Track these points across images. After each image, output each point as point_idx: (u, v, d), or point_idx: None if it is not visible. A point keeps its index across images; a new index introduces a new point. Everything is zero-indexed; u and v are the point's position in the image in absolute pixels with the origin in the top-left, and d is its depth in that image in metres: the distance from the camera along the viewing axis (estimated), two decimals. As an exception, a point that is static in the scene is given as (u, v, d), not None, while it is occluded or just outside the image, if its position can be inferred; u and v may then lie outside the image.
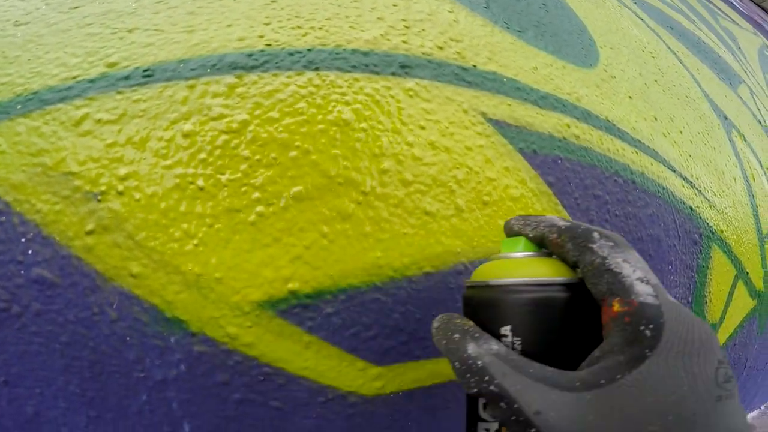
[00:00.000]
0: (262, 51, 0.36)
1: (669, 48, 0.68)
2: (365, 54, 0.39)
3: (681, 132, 0.56)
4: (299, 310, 0.31)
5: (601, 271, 0.20)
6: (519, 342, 0.22)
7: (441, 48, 0.43)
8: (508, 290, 0.22)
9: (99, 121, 0.31)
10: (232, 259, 0.30)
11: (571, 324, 0.22)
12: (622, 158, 0.46)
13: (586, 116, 0.46)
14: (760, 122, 0.79)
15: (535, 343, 0.22)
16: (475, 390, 0.20)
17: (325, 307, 0.31)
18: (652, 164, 0.49)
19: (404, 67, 0.40)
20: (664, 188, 0.50)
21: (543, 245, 0.24)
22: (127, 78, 0.32)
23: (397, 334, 0.34)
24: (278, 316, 0.31)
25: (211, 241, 0.30)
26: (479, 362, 0.20)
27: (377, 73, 0.38)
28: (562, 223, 0.23)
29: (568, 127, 0.44)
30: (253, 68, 0.35)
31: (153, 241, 0.30)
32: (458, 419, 0.38)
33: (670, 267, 0.49)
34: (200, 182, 0.31)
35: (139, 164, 0.31)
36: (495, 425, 0.22)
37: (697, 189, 0.54)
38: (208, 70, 0.35)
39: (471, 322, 0.23)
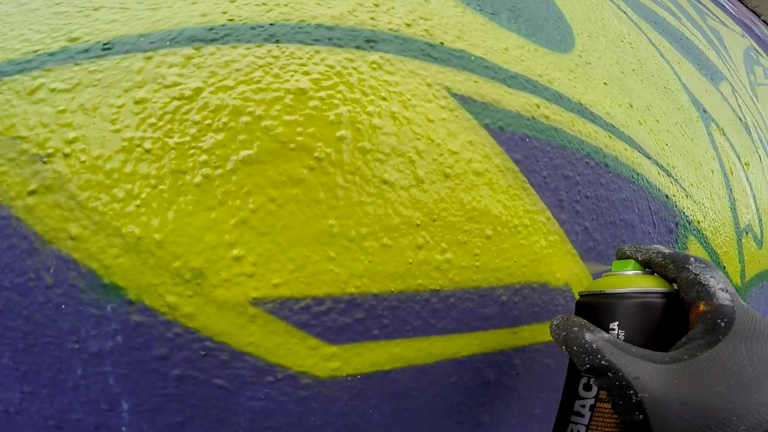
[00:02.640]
0: (223, 25, 0.37)
1: (650, 41, 0.68)
2: (330, 28, 0.39)
3: (657, 121, 0.56)
4: (243, 279, 0.30)
5: (694, 283, 0.28)
6: (623, 333, 0.29)
7: (409, 25, 0.43)
8: (619, 296, 0.30)
9: (53, 90, 0.32)
10: (174, 222, 0.29)
11: (663, 322, 0.29)
12: (594, 141, 0.46)
13: (558, 98, 0.46)
14: (740, 119, 0.80)
15: (635, 334, 0.29)
16: (588, 366, 0.27)
17: (272, 276, 0.30)
18: (626, 149, 0.49)
19: (369, 41, 0.39)
20: (638, 174, 0.50)
21: (648, 267, 0.32)
22: (86, 51, 0.33)
23: (352, 309, 0.33)
24: (221, 285, 0.29)
25: (154, 202, 0.29)
26: (594, 345, 0.27)
27: (340, 46, 0.38)
28: (666, 250, 0.31)
29: (538, 107, 0.43)
30: (212, 41, 0.35)
31: (95, 202, 0.30)
32: (421, 407, 0.37)
33: (644, 254, 0.49)
34: (147, 145, 0.31)
35: (88, 129, 0.32)
36: (591, 401, 0.30)
37: (673, 178, 0.54)
38: (167, 43, 0.35)
39: (585, 320, 0.29)
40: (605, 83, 0.53)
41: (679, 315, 0.29)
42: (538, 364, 0.43)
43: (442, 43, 0.43)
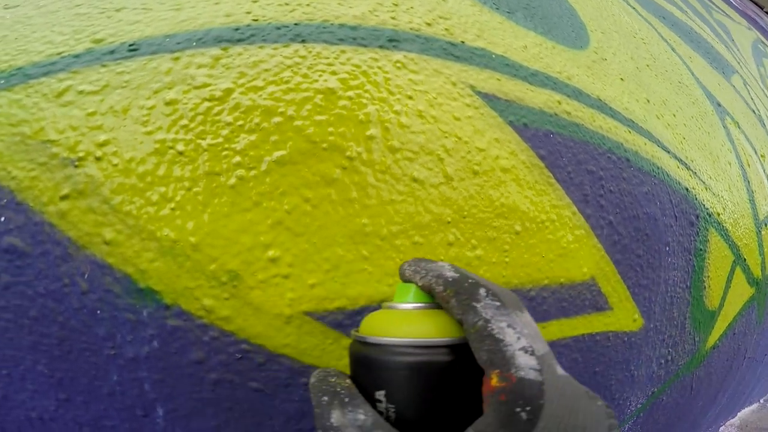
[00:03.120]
0: (248, 25, 0.37)
1: (661, 36, 0.69)
2: (353, 28, 0.40)
3: (674, 115, 0.57)
4: (280, 280, 0.30)
5: (483, 336, 0.19)
6: (393, 410, 0.20)
7: (429, 24, 0.43)
8: (384, 351, 0.21)
9: (81, 92, 0.32)
10: (209, 224, 0.30)
11: (452, 390, 0.20)
12: (615, 136, 0.46)
13: (578, 94, 0.46)
14: (753, 111, 0.80)
15: (411, 411, 0.20)
16: None
17: (308, 277, 0.30)
18: (645, 144, 0.49)
19: (392, 40, 0.40)
20: (658, 168, 0.50)
21: (432, 296, 0.22)
22: (112, 52, 0.33)
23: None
24: (257, 287, 0.29)
25: (189, 205, 0.30)
26: None
27: (365, 46, 0.38)
28: (450, 273, 0.22)
29: (559, 103, 0.44)
30: (239, 41, 0.36)
31: (129, 205, 0.30)
32: None
33: (667, 248, 0.49)
34: (180, 147, 0.31)
35: (119, 131, 0.32)
36: None
37: (692, 171, 0.54)
38: (194, 43, 0.35)
39: (347, 382, 0.21)
40: (622, 79, 0.53)
41: (475, 374, 0.20)
42: (566, 358, 0.43)
43: (463, 42, 0.43)
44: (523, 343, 0.19)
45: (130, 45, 0.33)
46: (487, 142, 0.37)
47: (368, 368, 0.21)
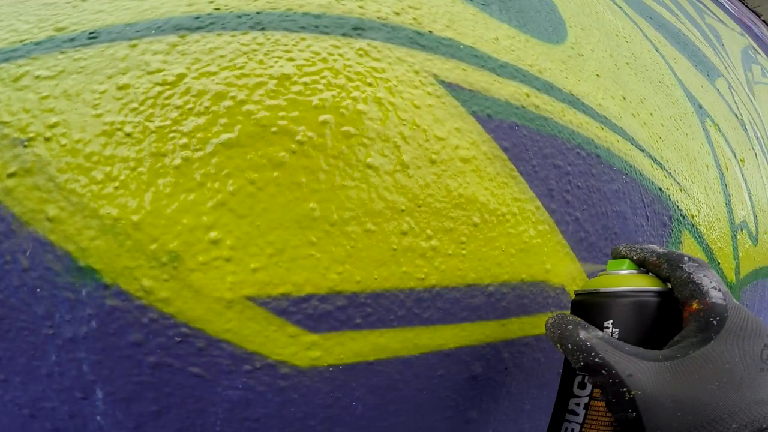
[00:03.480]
0: (209, 14, 0.37)
1: (645, 36, 0.68)
2: (317, 16, 0.39)
3: (651, 114, 0.56)
4: (221, 263, 0.29)
5: (687, 282, 0.28)
6: (617, 332, 0.29)
7: (398, 14, 0.42)
8: (613, 295, 0.30)
9: (38, 77, 0.32)
10: (151, 204, 0.29)
11: (659, 322, 0.29)
12: (585, 132, 0.46)
13: (548, 88, 0.45)
14: (736, 115, 0.79)
15: (629, 332, 0.29)
16: (582, 363, 0.27)
17: (250, 261, 0.29)
18: (618, 141, 0.49)
19: (356, 29, 0.39)
20: (631, 166, 0.49)
21: (643, 266, 0.32)
22: (72, 40, 0.34)
23: (333, 297, 0.32)
24: (198, 269, 0.29)
25: (132, 184, 0.29)
26: (588, 343, 0.27)
27: (327, 34, 0.38)
28: (660, 250, 0.31)
29: (527, 96, 0.43)
30: (198, 29, 0.36)
31: (73, 184, 0.29)
32: (407, 400, 0.36)
33: (637, 247, 0.48)
34: (128, 129, 0.31)
35: (70, 114, 0.32)
36: (585, 399, 0.30)
37: (666, 171, 0.54)
38: (153, 31, 0.35)
39: (579, 318, 0.30)
40: (598, 75, 0.53)
41: (672, 314, 0.29)
42: (527, 358, 0.42)
43: (430, 32, 0.42)
44: (714, 284, 0.28)
45: (90, 33, 0.34)
46: (446, 131, 0.37)
47: (599, 307, 0.30)
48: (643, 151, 0.52)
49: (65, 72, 0.32)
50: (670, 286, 0.30)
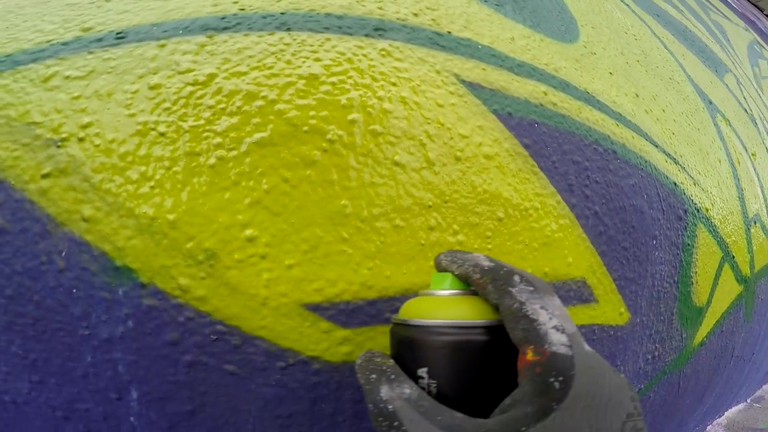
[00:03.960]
0: (234, 14, 0.37)
1: (654, 33, 0.69)
2: (339, 17, 0.40)
3: (663, 110, 0.57)
4: (256, 260, 0.30)
5: (518, 317, 0.21)
6: (435, 385, 0.22)
7: (416, 15, 0.43)
8: (426, 332, 0.23)
9: (68, 77, 0.32)
10: (187, 203, 0.30)
11: (489, 367, 0.22)
12: (602, 128, 0.46)
13: (564, 86, 0.46)
14: (746, 110, 0.80)
15: (451, 386, 0.22)
16: None
17: (285, 257, 0.30)
18: (633, 137, 0.49)
19: (378, 29, 0.40)
20: (646, 161, 0.50)
21: (468, 283, 0.24)
22: (100, 40, 0.34)
23: (365, 292, 0.32)
24: (234, 266, 0.29)
25: (168, 183, 0.30)
26: (390, 407, 0.21)
27: (350, 34, 0.39)
28: (486, 263, 0.24)
29: (545, 94, 0.44)
30: (224, 29, 0.36)
31: (108, 184, 0.30)
32: None
33: (654, 242, 0.49)
34: (161, 128, 0.31)
35: (102, 114, 0.32)
36: None
37: (680, 165, 0.54)
38: (180, 31, 0.36)
39: (391, 362, 0.23)
40: (611, 73, 0.53)
41: (509, 353, 0.22)
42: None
43: (449, 32, 0.43)
44: (555, 322, 0.21)
45: (118, 33, 0.34)
46: (470, 129, 0.37)
47: (411, 348, 0.23)
48: (657, 146, 0.53)
49: (95, 72, 0.32)
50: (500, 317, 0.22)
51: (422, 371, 0.22)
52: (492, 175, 0.37)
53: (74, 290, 0.29)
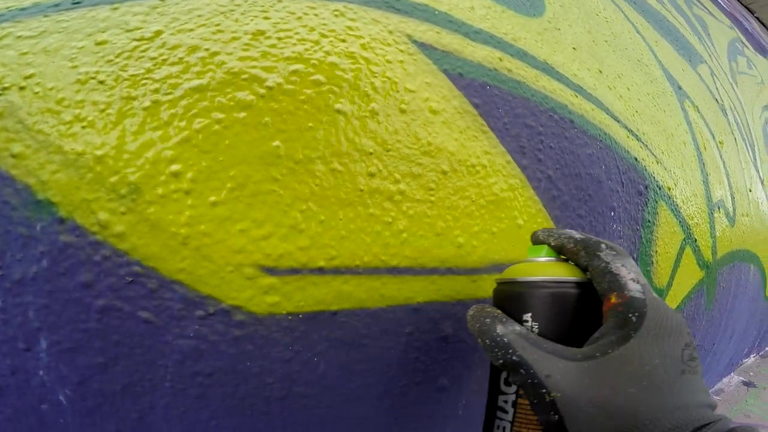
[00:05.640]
0: None
1: (627, 18, 0.68)
2: (294, -19, 0.39)
3: (628, 89, 0.56)
4: (180, 195, 0.29)
5: (605, 273, 0.27)
6: (536, 326, 0.27)
7: (374, -20, 0.42)
8: (531, 285, 0.28)
9: (19, 37, 0.33)
10: (117, 140, 0.29)
11: (578, 313, 0.28)
12: (559, 98, 0.46)
13: (522, 55, 0.45)
14: (716, 100, 0.79)
15: (549, 326, 0.27)
16: (501, 361, 0.26)
17: (210, 194, 0.29)
18: (593, 110, 0.49)
19: (334, -8, 0.39)
20: (606, 134, 0.49)
21: (561, 253, 0.30)
22: (56, 5, 0.34)
23: (294, 236, 0.31)
24: (156, 201, 0.28)
25: (100, 123, 0.29)
26: (505, 339, 0.26)
27: (304, -4, 0.38)
28: (577, 236, 0.30)
29: (500, 60, 0.43)
30: None
31: (42, 125, 0.30)
32: (375, 360, 0.35)
33: (612, 213, 0.48)
34: (101, 77, 0.32)
35: (47, 66, 0.32)
36: (512, 397, 0.28)
37: (642, 143, 0.53)
38: None
39: (499, 311, 0.28)
40: (574, 48, 0.52)
41: (594, 305, 0.28)
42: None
43: (406, -3, 0.42)
44: (632, 276, 0.26)
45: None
46: (417, 84, 0.37)
47: (518, 299, 0.28)
48: (618, 121, 0.52)
49: (47, 32, 0.32)
50: (588, 276, 0.28)
51: (527, 316, 0.28)
52: (437, 129, 0.36)
53: (-8, 226, 0.28)
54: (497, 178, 0.39)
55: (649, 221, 0.53)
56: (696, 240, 0.59)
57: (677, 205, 0.57)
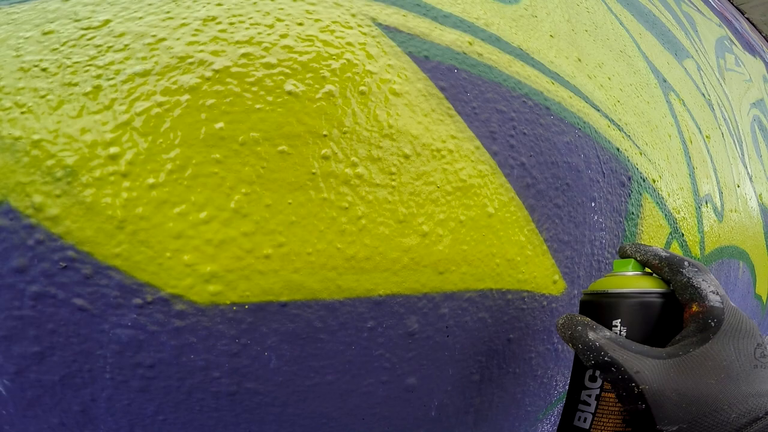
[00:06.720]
0: None
1: (610, 9, 0.67)
2: (253, -34, 0.37)
3: (609, 79, 0.54)
4: (117, 178, 0.27)
5: (687, 286, 0.31)
6: (624, 330, 0.31)
7: (338, -35, 0.41)
8: (621, 296, 0.32)
9: None
10: (55, 125, 0.28)
11: (662, 320, 0.31)
12: (533, 84, 0.44)
13: (494, 40, 0.44)
14: (703, 95, 0.77)
15: (637, 331, 0.31)
16: (593, 362, 0.29)
17: (148, 176, 0.27)
18: (571, 97, 0.47)
19: (293, -24, 0.37)
20: (585, 122, 0.47)
21: (646, 266, 0.34)
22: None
23: (237, 220, 0.29)
24: (92, 184, 0.26)
25: (39, 109, 0.28)
26: (597, 343, 0.29)
27: (260, -19, 0.36)
28: (663, 253, 0.33)
29: (470, 44, 0.41)
30: None
31: None
32: (334, 356, 0.33)
33: (593, 204, 0.46)
34: (45, 64, 0.31)
35: None
36: (596, 391, 0.32)
37: (625, 133, 0.51)
38: None
39: (588, 318, 0.31)
40: (551, 36, 0.51)
41: (674, 313, 0.31)
42: (472, 317, 0.39)
43: (371, -20, 0.41)
44: (712, 288, 0.30)
45: None
46: (379, 66, 0.35)
47: (609, 308, 0.32)
48: (598, 110, 0.50)
49: None
50: (671, 288, 0.32)
51: (616, 322, 0.31)
52: (399, 111, 0.34)
53: None
54: (465, 163, 0.37)
55: (632, 213, 0.51)
56: (683, 234, 0.57)
57: (663, 197, 0.54)
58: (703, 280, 0.30)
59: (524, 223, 0.40)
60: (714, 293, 0.30)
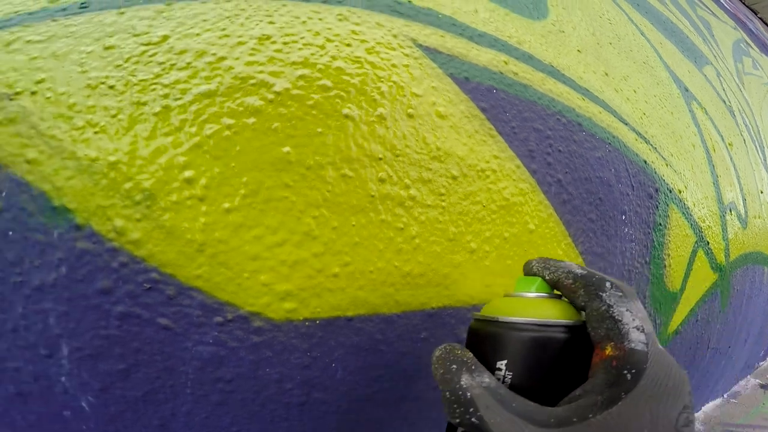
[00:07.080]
0: None
1: (631, 20, 0.70)
2: (297, -13, 0.41)
3: (635, 91, 0.57)
4: (194, 202, 0.30)
5: (605, 318, 0.24)
6: (510, 376, 0.24)
7: (377, -15, 0.44)
8: (511, 327, 0.25)
9: (29, 41, 0.34)
10: (129, 146, 0.30)
11: (563, 363, 0.25)
12: (566, 101, 0.47)
13: (527, 58, 0.47)
14: (724, 101, 0.81)
15: (526, 378, 0.24)
16: (457, 420, 0.23)
17: (223, 200, 0.30)
18: (600, 113, 0.50)
19: (337, -3, 0.41)
20: (614, 137, 0.50)
21: (556, 288, 0.27)
22: (64, 9, 0.36)
23: (308, 242, 0.32)
24: (170, 208, 0.29)
25: (112, 129, 0.30)
26: (468, 394, 0.23)
27: (307, 1, 0.39)
28: (578, 270, 0.26)
29: (506, 63, 0.44)
30: None
31: (55, 130, 0.31)
32: (391, 365, 0.36)
33: (623, 217, 0.49)
34: (111, 82, 0.33)
35: (57, 71, 0.33)
36: None
37: (651, 145, 0.55)
38: (141, 1, 0.37)
39: (470, 354, 0.25)
40: (579, 51, 0.54)
41: (584, 353, 0.25)
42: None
43: (409, 1, 0.44)
44: (637, 323, 0.23)
45: (81, 3, 0.36)
46: (423, 88, 0.38)
47: (494, 341, 0.25)
48: (626, 124, 0.53)
49: (55, 36, 0.34)
50: (584, 318, 0.25)
51: (501, 363, 0.24)
52: (445, 134, 0.37)
53: (10, 232, 0.29)
54: (507, 182, 0.40)
55: (660, 224, 0.54)
56: (708, 243, 0.61)
57: (688, 207, 0.58)
58: (626, 310, 0.23)
59: (562, 237, 0.44)
60: (638, 329, 0.23)
